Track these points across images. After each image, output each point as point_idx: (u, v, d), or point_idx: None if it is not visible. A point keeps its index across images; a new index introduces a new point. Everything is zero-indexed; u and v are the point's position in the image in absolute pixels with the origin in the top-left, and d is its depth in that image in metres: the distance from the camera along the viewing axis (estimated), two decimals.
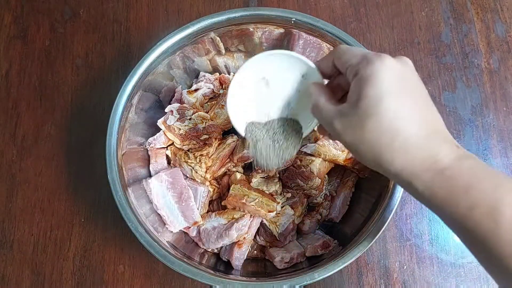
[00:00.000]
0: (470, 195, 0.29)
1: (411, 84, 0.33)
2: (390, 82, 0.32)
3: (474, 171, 0.31)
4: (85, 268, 0.62)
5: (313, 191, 0.59)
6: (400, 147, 0.32)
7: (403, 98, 0.32)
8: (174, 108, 0.59)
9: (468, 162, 0.31)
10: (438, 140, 0.32)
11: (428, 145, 0.32)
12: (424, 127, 0.32)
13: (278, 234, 0.57)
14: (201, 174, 0.58)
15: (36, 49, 0.72)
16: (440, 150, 0.32)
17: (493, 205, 0.29)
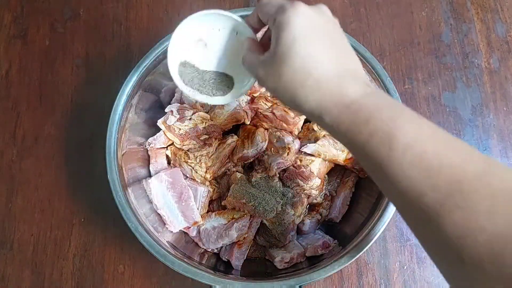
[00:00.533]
0: (370, 124, 0.32)
1: (325, 29, 0.35)
2: (302, 27, 0.34)
3: (377, 105, 0.32)
4: (85, 268, 0.62)
5: (313, 191, 0.59)
6: (311, 86, 0.34)
7: (315, 41, 0.34)
8: (174, 108, 0.59)
9: (373, 98, 0.33)
10: (348, 78, 0.34)
11: (338, 83, 0.34)
12: (335, 67, 0.34)
13: (278, 234, 0.57)
14: (201, 174, 0.58)
15: (36, 49, 0.72)
16: (348, 87, 0.33)
17: (389, 132, 0.31)
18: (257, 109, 0.62)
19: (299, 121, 0.61)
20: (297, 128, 0.61)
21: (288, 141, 0.59)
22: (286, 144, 0.59)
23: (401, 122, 0.31)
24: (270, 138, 0.60)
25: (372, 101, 0.33)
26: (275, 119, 0.61)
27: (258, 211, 0.56)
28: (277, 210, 0.57)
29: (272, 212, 0.56)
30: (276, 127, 0.61)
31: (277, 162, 0.58)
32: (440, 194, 0.28)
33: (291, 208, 0.58)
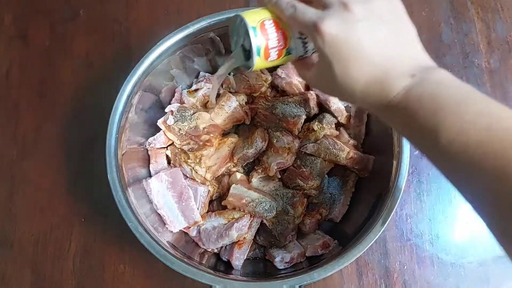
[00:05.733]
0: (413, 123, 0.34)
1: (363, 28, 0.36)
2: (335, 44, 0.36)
3: (419, 100, 0.34)
4: (85, 268, 0.62)
5: (313, 191, 0.59)
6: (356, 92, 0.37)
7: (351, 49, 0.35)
8: (174, 108, 0.59)
9: (414, 94, 0.34)
10: (390, 76, 0.35)
11: (380, 86, 0.35)
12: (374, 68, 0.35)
13: (278, 234, 0.57)
14: (201, 174, 0.58)
15: (36, 49, 0.72)
16: (389, 89, 0.35)
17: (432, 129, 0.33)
18: (257, 109, 0.62)
19: (299, 121, 0.61)
20: (297, 128, 0.61)
21: (288, 141, 0.59)
22: (286, 144, 0.59)
23: (442, 117, 0.32)
24: (270, 138, 0.60)
25: (412, 98, 0.34)
26: (275, 119, 0.61)
27: (258, 211, 0.56)
28: (277, 210, 0.57)
29: (272, 212, 0.56)
30: (276, 127, 0.61)
31: (277, 162, 0.58)
32: None
33: (291, 208, 0.58)
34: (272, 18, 0.40)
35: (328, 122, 0.61)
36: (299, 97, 0.63)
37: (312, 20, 0.35)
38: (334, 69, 0.36)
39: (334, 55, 0.35)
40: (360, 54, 0.35)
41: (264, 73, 0.64)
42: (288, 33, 0.40)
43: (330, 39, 0.35)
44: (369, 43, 0.35)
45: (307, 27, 0.36)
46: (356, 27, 0.35)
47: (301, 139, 0.61)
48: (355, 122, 0.61)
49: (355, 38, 0.35)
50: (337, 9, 0.35)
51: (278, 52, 0.40)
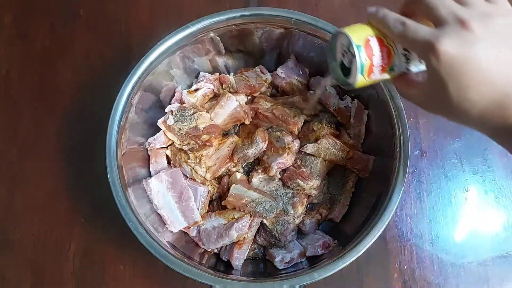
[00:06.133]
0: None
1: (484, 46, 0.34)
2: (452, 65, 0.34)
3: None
4: (85, 268, 0.62)
5: (313, 191, 0.59)
6: (473, 114, 0.35)
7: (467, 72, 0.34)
8: (174, 108, 0.59)
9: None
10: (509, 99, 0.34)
11: (499, 110, 0.34)
12: (493, 89, 0.34)
13: (278, 234, 0.57)
14: (201, 174, 0.58)
15: (36, 49, 0.72)
16: (508, 114, 0.34)
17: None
18: (257, 109, 0.62)
19: (299, 121, 0.61)
20: (297, 128, 0.61)
21: (288, 141, 0.59)
22: (286, 144, 0.59)
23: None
24: (270, 138, 0.60)
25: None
26: (275, 119, 0.61)
27: (258, 211, 0.56)
28: (277, 210, 0.57)
29: (272, 212, 0.56)
30: (276, 127, 0.61)
31: (277, 162, 0.58)
32: None
33: (291, 208, 0.58)
34: (375, 35, 0.38)
35: (328, 122, 0.61)
36: (299, 97, 0.63)
37: (426, 39, 0.34)
38: (449, 90, 0.34)
39: (450, 77, 0.33)
40: (479, 76, 0.33)
41: (264, 73, 0.64)
42: (392, 50, 0.39)
43: (446, 60, 0.33)
44: (490, 64, 0.33)
45: (420, 46, 0.35)
46: (476, 47, 0.33)
47: (301, 139, 0.61)
48: (355, 122, 0.61)
49: (475, 59, 0.33)
50: (454, 27, 0.33)
51: (381, 70, 0.39)
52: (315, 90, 0.54)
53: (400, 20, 0.36)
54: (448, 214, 0.63)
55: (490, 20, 0.34)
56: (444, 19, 0.34)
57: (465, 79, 0.33)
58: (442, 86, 0.34)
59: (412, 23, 0.36)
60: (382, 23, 0.38)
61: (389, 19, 0.37)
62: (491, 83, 0.33)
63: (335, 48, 0.42)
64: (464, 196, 0.64)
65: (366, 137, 0.61)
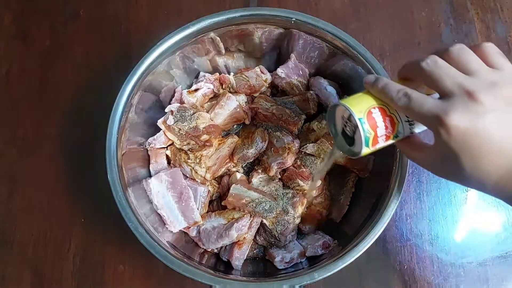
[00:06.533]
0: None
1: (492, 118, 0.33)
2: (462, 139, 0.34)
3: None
4: (85, 268, 0.62)
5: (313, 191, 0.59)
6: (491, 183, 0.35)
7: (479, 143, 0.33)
8: (174, 108, 0.59)
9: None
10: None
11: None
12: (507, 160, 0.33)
13: (278, 234, 0.57)
14: (201, 174, 0.58)
15: (36, 49, 0.72)
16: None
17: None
18: (257, 109, 0.62)
19: (299, 121, 0.61)
20: (297, 128, 0.61)
21: (288, 141, 0.59)
22: (286, 144, 0.59)
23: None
24: (270, 138, 0.60)
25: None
26: (275, 119, 0.61)
27: (258, 211, 0.56)
28: (277, 210, 0.57)
29: (272, 212, 0.56)
30: (276, 127, 0.61)
31: (277, 162, 0.58)
32: None
33: (291, 208, 0.58)
34: (377, 105, 0.38)
35: None
36: (299, 97, 0.63)
37: (434, 113, 0.33)
38: (462, 162, 0.34)
39: (462, 149, 0.33)
40: (492, 148, 0.33)
41: (264, 73, 0.64)
42: (395, 118, 0.38)
43: (457, 133, 0.32)
44: (501, 135, 0.32)
45: (427, 120, 0.34)
46: (486, 118, 0.32)
47: (301, 139, 0.61)
48: None
49: (486, 131, 0.32)
50: (461, 99, 0.33)
51: (385, 139, 0.39)
52: (314, 177, 0.54)
53: (403, 92, 0.36)
54: (448, 214, 0.63)
55: (497, 90, 0.33)
56: (450, 91, 0.34)
57: (478, 151, 0.33)
58: (454, 158, 0.34)
59: (416, 95, 0.35)
60: (383, 95, 0.37)
61: (390, 90, 0.36)
62: (505, 154, 0.33)
63: (334, 118, 0.42)
64: (464, 196, 0.64)
65: None
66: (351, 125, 0.38)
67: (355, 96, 0.39)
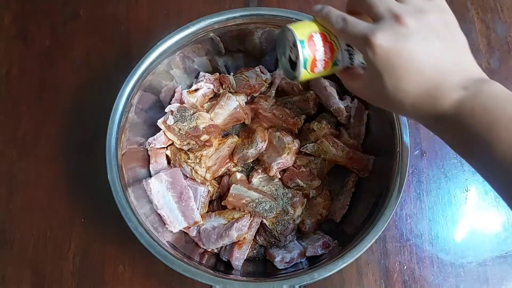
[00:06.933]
0: (466, 137, 0.34)
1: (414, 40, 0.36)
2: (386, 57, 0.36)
3: (472, 113, 0.33)
4: (85, 268, 0.62)
5: (313, 191, 0.59)
6: (406, 104, 0.37)
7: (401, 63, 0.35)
8: (174, 108, 0.59)
9: (466, 107, 0.34)
10: (440, 89, 0.35)
11: (429, 99, 0.36)
12: (424, 80, 0.35)
13: (278, 234, 0.57)
14: (201, 174, 0.58)
15: (36, 49, 0.72)
16: (439, 102, 0.35)
17: (486, 143, 0.33)
18: (257, 109, 0.62)
19: (299, 121, 0.61)
20: (297, 128, 0.61)
21: (288, 141, 0.59)
22: (286, 144, 0.59)
23: (496, 130, 0.32)
24: (270, 138, 0.60)
25: (465, 112, 0.34)
26: (275, 119, 0.61)
27: (258, 211, 0.56)
28: (277, 210, 0.57)
29: (272, 212, 0.56)
30: (276, 127, 0.61)
31: (277, 162, 0.58)
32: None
33: (291, 208, 0.58)
34: (320, 31, 0.40)
35: (328, 122, 0.61)
36: (299, 97, 0.63)
37: (364, 34, 0.35)
38: (384, 81, 0.36)
39: (385, 68, 0.35)
40: (412, 68, 0.35)
41: (264, 73, 0.64)
42: (335, 46, 0.40)
43: (381, 53, 0.35)
44: (422, 56, 0.35)
45: (358, 40, 0.36)
46: (409, 40, 0.34)
47: (301, 139, 0.61)
48: (355, 122, 0.61)
49: (408, 52, 0.34)
50: (389, 22, 0.35)
51: (324, 64, 0.41)
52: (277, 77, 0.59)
53: (342, 16, 0.38)
54: (448, 214, 0.63)
55: (423, 16, 0.35)
56: (381, 15, 0.36)
57: (399, 70, 0.35)
58: (379, 77, 0.36)
59: (352, 19, 0.37)
60: (325, 20, 0.40)
61: (332, 16, 0.39)
62: (422, 74, 0.35)
63: (283, 43, 0.44)
64: (464, 196, 0.64)
65: (366, 137, 0.61)
66: (295, 50, 0.41)
67: (302, 22, 0.42)
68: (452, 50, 0.36)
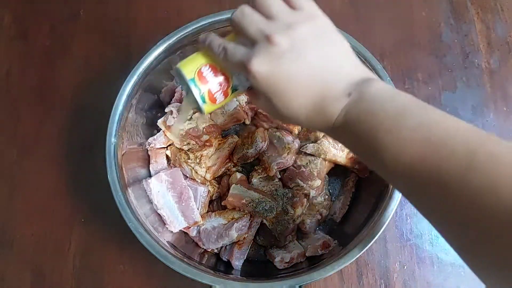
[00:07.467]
0: (357, 143, 0.34)
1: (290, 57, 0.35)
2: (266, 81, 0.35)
3: (358, 120, 0.33)
4: (85, 268, 0.62)
5: (313, 191, 0.59)
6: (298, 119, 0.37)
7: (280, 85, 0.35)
8: (174, 108, 0.59)
9: (352, 115, 0.33)
10: (325, 104, 0.34)
11: (315, 114, 0.35)
12: (307, 98, 0.35)
13: (278, 234, 0.57)
14: (201, 174, 0.58)
15: (36, 49, 0.72)
16: (325, 117, 0.35)
17: (374, 148, 0.32)
18: (257, 109, 0.62)
19: None
20: (297, 128, 0.61)
21: (288, 141, 0.59)
22: (286, 144, 0.59)
23: (381, 135, 0.31)
24: (270, 138, 0.60)
25: (352, 119, 0.33)
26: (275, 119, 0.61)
27: (258, 211, 0.56)
28: (277, 210, 0.57)
29: (272, 212, 0.56)
30: (276, 127, 0.61)
31: (277, 162, 0.58)
32: None
33: (291, 208, 0.58)
34: (208, 63, 0.39)
35: None
36: None
37: (241, 61, 0.34)
38: (274, 102, 0.35)
39: (270, 92, 0.34)
40: (293, 86, 0.34)
41: None
42: (228, 73, 0.39)
43: (261, 77, 0.34)
44: (299, 72, 0.34)
45: (239, 68, 0.35)
46: (283, 59, 0.33)
47: (301, 139, 0.61)
48: None
49: (285, 71, 0.33)
50: (263, 44, 0.34)
51: (223, 93, 0.40)
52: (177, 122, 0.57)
53: (222, 45, 0.37)
54: None
55: (294, 30, 0.34)
56: (254, 37, 0.34)
57: (283, 92, 0.34)
58: (268, 100, 0.35)
59: (231, 47, 0.36)
60: (209, 50, 0.38)
61: (213, 46, 0.37)
62: (305, 89, 0.34)
63: (182, 81, 0.42)
64: None
65: None
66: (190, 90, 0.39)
67: (191, 56, 0.40)
68: (332, 57, 0.35)
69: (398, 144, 0.30)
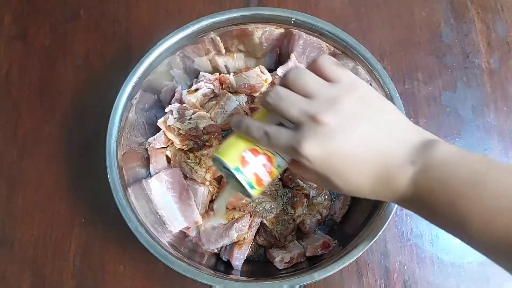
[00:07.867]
0: (433, 212, 0.33)
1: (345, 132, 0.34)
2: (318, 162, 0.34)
3: (429, 190, 0.32)
4: (85, 268, 0.62)
5: (312, 191, 0.59)
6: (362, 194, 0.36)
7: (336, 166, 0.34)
8: (174, 108, 0.59)
9: (424, 184, 0.32)
10: (386, 178, 0.34)
11: (378, 190, 0.35)
12: (365, 178, 0.34)
13: (278, 234, 0.57)
14: (201, 174, 0.58)
15: (36, 49, 0.72)
16: (391, 190, 0.34)
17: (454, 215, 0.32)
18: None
19: None
20: None
21: None
22: None
23: (463, 206, 0.30)
24: None
25: (424, 192, 0.32)
26: None
27: (258, 211, 0.56)
28: (277, 210, 0.57)
29: (272, 212, 0.56)
30: None
31: None
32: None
33: (291, 208, 0.58)
34: (248, 148, 0.38)
35: None
36: None
37: (290, 145, 0.34)
38: (333, 181, 0.34)
39: (327, 172, 0.33)
40: (350, 163, 0.33)
41: (264, 73, 0.64)
42: (269, 153, 0.38)
43: (315, 160, 0.33)
44: (353, 148, 0.33)
45: (288, 152, 0.35)
46: (334, 138, 0.32)
47: None
48: None
49: (339, 150, 0.33)
50: (308, 126, 0.33)
51: (269, 174, 0.39)
52: (217, 209, 0.56)
53: (263, 130, 0.36)
54: None
55: (337, 105, 0.33)
56: (297, 120, 0.34)
57: (341, 170, 0.33)
58: (326, 179, 0.34)
59: (273, 131, 0.35)
60: (248, 135, 0.37)
61: (252, 131, 0.36)
62: (365, 164, 0.33)
63: (220, 168, 0.41)
64: None
65: None
66: (235, 178, 0.38)
67: (228, 142, 0.39)
68: (383, 125, 0.34)
69: (484, 215, 0.29)
